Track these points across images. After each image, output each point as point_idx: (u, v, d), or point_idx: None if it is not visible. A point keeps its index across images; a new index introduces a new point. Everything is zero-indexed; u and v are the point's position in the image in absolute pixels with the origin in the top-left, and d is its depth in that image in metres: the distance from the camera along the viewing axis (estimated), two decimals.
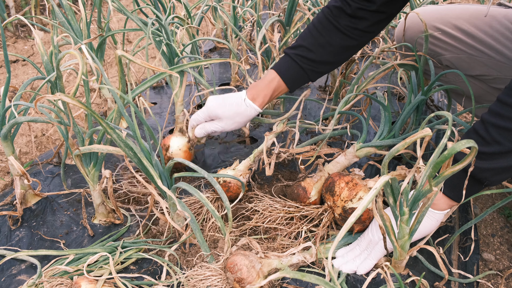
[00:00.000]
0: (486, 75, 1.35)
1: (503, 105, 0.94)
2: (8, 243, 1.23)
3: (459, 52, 1.39)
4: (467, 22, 1.37)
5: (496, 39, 1.31)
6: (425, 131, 0.81)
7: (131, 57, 0.94)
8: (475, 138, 0.97)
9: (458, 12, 1.41)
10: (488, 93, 1.40)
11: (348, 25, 1.25)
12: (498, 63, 1.31)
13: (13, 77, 2.43)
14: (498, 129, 0.94)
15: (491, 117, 0.95)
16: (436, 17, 1.43)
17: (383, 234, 0.98)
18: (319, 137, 1.44)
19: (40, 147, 1.84)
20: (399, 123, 1.34)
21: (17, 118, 1.17)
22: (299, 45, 1.29)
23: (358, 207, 0.75)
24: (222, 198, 1.05)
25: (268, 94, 1.31)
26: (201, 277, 1.04)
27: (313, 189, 1.26)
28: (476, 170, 0.96)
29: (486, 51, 1.33)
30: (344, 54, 1.33)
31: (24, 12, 2.30)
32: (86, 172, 1.18)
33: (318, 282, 0.66)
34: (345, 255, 1.13)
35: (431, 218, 1.06)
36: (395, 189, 0.94)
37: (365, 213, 1.13)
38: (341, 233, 0.71)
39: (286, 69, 1.30)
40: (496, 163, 0.96)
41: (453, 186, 1.01)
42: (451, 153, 0.80)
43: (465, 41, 1.37)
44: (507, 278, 1.24)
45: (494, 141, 0.94)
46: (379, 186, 0.79)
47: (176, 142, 1.43)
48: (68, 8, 1.48)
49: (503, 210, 1.47)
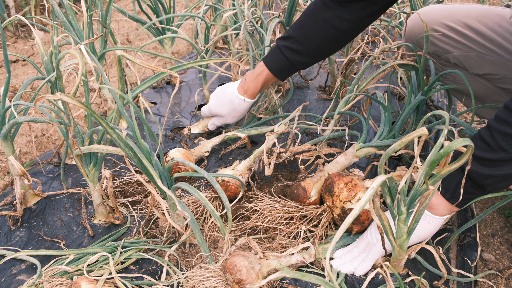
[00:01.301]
0: (494, 74, 1.35)
1: (510, 112, 0.93)
2: (8, 243, 1.23)
3: (468, 50, 1.39)
4: (477, 20, 1.37)
5: (505, 38, 1.31)
6: (421, 130, 0.82)
7: (131, 57, 0.94)
8: (480, 144, 0.97)
9: (467, 11, 1.41)
10: (494, 92, 1.40)
11: (338, 15, 1.28)
12: (507, 62, 1.31)
13: (13, 77, 2.43)
14: (505, 136, 0.93)
15: (498, 123, 0.95)
16: (445, 15, 1.43)
17: (381, 233, 0.98)
18: (319, 138, 1.44)
19: (40, 147, 1.84)
20: (399, 123, 1.34)
21: (17, 118, 1.17)
22: (290, 36, 1.37)
23: (356, 207, 0.75)
24: (221, 198, 1.05)
25: (257, 87, 1.46)
26: (200, 278, 1.04)
27: (313, 189, 1.26)
28: (479, 177, 0.96)
29: (496, 49, 1.33)
30: (332, 46, 1.40)
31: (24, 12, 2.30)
32: (86, 172, 1.18)
33: (318, 282, 0.66)
34: (343, 256, 1.13)
35: (431, 223, 1.06)
36: (392, 189, 0.95)
37: (364, 214, 1.13)
38: (338, 233, 0.71)
39: (274, 61, 1.41)
40: (500, 170, 0.95)
41: (454, 192, 1.00)
42: (447, 152, 0.80)
43: (475, 39, 1.37)
44: (507, 278, 1.24)
45: (500, 148, 0.94)
46: (375, 186, 0.80)
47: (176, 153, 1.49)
48: (69, 8, 1.48)
49: (503, 210, 1.47)
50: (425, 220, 1.05)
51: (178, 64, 1.27)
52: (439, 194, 1.04)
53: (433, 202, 1.04)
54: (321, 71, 2.23)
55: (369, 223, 1.15)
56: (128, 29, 3.12)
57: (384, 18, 2.19)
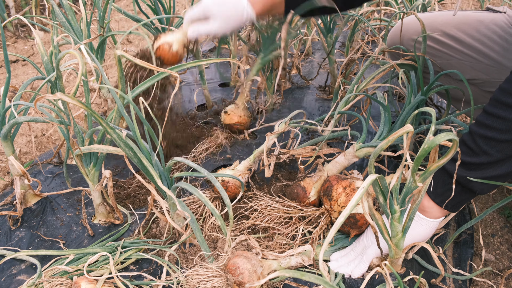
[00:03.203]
0: (476, 79, 1.37)
1: (489, 116, 0.95)
2: (8, 243, 1.23)
3: (448, 57, 1.41)
4: (455, 27, 1.38)
5: (483, 43, 1.32)
6: (407, 127, 0.83)
7: (131, 57, 0.94)
8: (463, 149, 0.98)
9: (445, 18, 1.43)
10: (481, 96, 1.41)
11: None
12: (487, 66, 1.33)
13: (13, 77, 2.44)
14: (486, 140, 0.95)
15: (479, 128, 0.96)
16: (425, 24, 1.44)
17: (375, 232, 0.98)
18: (319, 138, 1.44)
19: (40, 147, 1.84)
20: (398, 123, 1.34)
21: (17, 118, 1.17)
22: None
23: (347, 207, 0.76)
24: (222, 196, 1.05)
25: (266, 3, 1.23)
26: (200, 277, 1.04)
27: (313, 188, 1.26)
28: (465, 181, 0.97)
29: (474, 55, 1.34)
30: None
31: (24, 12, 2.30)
32: (86, 172, 1.19)
33: (317, 281, 0.66)
34: (339, 259, 1.13)
35: (425, 226, 1.06)
36: (384, 188, 0.95)
37: (362, 218, 1.13)
38: (330, 234, 0.73)
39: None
40: (485, 172, 0.96)
41: (444, 196, 1.01)
42: (431, 147, 0.81)
43: (453, 46, 1.39)
44: (507, 278, 1.24)
45: (482, 151, 0.95)
46: (366, 185, 0.80)
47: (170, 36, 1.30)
48: (68, 8, 1.48)
49: (503, 210, 1.47)
50: (419, 223, 1.06)
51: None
52: (430, 197, 1.05)
53: (426, 205, 1.05)
54: (321, 71, 2.23)
55: (367, 227, 1.15)
56: (128, 29, 3.12)
57: (384, 18, 2.19)
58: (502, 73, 1.30)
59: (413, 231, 1.05)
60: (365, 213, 0.93)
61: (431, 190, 1.04)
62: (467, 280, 1.14)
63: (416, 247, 1.11)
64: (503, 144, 0.93)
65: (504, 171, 0.96)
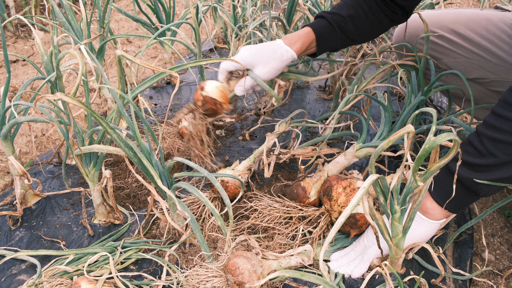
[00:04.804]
0: (483, 78, 1.36)
1: (497, 117, 0.94)
2: (8, 243, 1.23)
3: (456, 56, 1.40)
4: (464, 25, 1.37)
5: (492, 42, 1.31)
6: (408, 128, 0.83)
7: (130, 57, 0.94)
8: (470, 150, 0.97)
9: (454, 16, 1.41)
10: (487, 95, 1.40)
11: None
12: (495, 66, 1.32)
13: (13, 77, 2.43)
14: (493, 142, 0.93)
15: (486, 129, 0.95)
16: (433, 22, 1.43)
17: (375, 232, 0.98)
18: (319, 138, 1.44)
19: (40, 147, 1.84)
20: (399, 123, 1.34)
21: (17, 118, 1.17)
22: (336, 12, 1.31)
23: (348, 207, 0.76)
24: (222, 196, 1.05)
25: (306, 42, 1.30)
26: (200, 277, 1.04)
27: (313, 188, 1.26)
28: (470, 182, 0.96)
29: (483, 54, 1.33)
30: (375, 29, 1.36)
31: (24, 12, 2.30)
32: (86, 172, 1.19)
33: (317, 281, 0.66)
34: (340, 259, 1.13)
35: (427, 227, 1.05)
36: (384, 188, 0.95)
37: (362, 218, 1.13)
38: (331, 234, 0.73)
39: (319, 26, 1.31)
40: (491, 175, 0.95)
41: (446, 197, 1.01)
42: (432, 147, 0.81)
43: (462, 44, 1.37)
44: (507, 278, 1.24)
45: (489, 153, 0.94)
46: (367, 185, 0.80)
47: (212, 83, 1.31)
48: (68, 8, 1.48)
49: (503, 210, 1.47)
50: (420, 224, 1.05)
51: (178, 64, 1.26)
52: (433, 199, 1.04)
53: (428, 206, 1.04)
54: (321, 71, 2.23)
55: (367, 227, 1.15)
56: (128, 29, 3.12)
57: None
58: (510, 73, 1.29)
59: (414, 232, 1.05)
60: (366, 213, 0.93)
61: (434, 191, 1.03)
62: (467, 280, 1.14)
63: (416, 247, 1.11)
64: (511, 146, 0.92)
65: (509, 173, 0.94)
